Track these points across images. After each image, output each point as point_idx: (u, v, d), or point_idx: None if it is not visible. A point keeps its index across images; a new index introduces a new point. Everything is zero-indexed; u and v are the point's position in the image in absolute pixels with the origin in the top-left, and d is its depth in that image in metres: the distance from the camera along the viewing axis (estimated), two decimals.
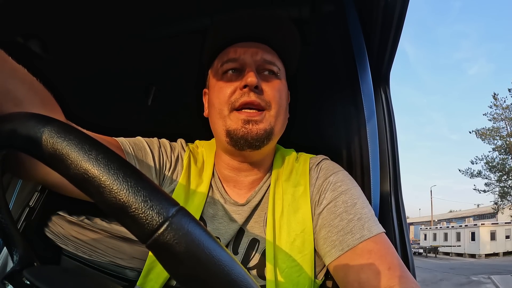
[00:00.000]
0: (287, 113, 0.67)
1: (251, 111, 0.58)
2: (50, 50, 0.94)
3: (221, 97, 0.60)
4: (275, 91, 0.61)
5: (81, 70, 1.08)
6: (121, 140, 0.61)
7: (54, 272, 0.34)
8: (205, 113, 0.69)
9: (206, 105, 0.70)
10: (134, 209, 0.20)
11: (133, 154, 0.60)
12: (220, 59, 0.64)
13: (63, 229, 0.95)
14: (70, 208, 0.99)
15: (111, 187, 0.21)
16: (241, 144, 0.58)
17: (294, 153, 0.71)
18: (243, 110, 0.58)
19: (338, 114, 0.99)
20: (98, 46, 1.02)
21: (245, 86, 0.58)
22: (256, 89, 0.59)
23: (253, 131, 0.57)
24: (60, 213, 0.98)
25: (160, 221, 0.20)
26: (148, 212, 0.20)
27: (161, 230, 0.20)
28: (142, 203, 0.20)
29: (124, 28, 0.97)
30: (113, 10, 0.90)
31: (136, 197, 0.20)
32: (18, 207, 0.98)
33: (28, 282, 0.29)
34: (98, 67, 1.11)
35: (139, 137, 0.66)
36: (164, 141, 0.69)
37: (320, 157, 0.70)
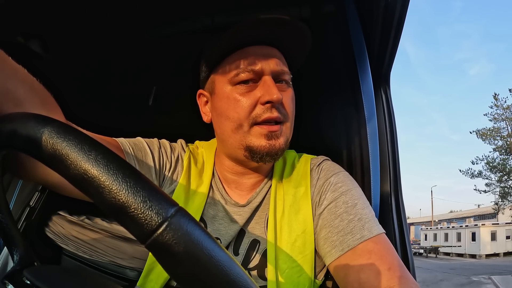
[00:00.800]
0: None
1: (272, 125, 0.57)
2: (51, 50, 0.94)
3: (240, 112, 0.57)
4: (290, 102, 0.60)
5: (81, 70, 1.08)
6: (121, 140, 0.61)
7: (54, 272, 0.34)
8: (206, 119, 0.66)
9: (204, 109, 0.67)
10: (133, 210, 0.20)
11: (133, 154, 0.60)
12: (232, 64, 0.58)
13: (63, 229, 0.95)
14: (70, 208, 0.99)
15: (111, 188, 0.21)
16: (265, 160, 0.58)
17: (295, 154, 0.71)
18: (263, 125, 0.57)
19: (339, 115, 0.99)
20: (98, 46, 1.02)
21: (267, 102, 0.56)
22: (278, 104, 0.57)
23: (276, 146, 0.57)
24: (61, 213, 0.98)
25: (159, 221, 0.20)
26: (147, 213, 0.20)
27: (160, 230, 0.20)
28: (141, 204, 0.20)
29: (125, 28, 0.97)
30: (113, 10, 0.90)
31: (135, 198, 0.20)
32: (18, 207, 0.98)
33: (28, 282, 0.29)
34: (99, 67, 1.11)
35: (139, 138, 0.66)
36: (164, 141, 0.69)
37: (321, 158, 0.70)
